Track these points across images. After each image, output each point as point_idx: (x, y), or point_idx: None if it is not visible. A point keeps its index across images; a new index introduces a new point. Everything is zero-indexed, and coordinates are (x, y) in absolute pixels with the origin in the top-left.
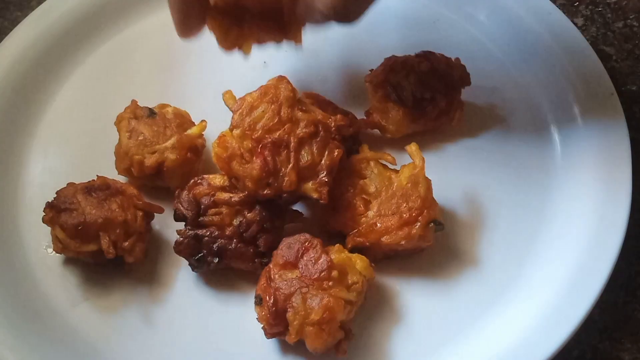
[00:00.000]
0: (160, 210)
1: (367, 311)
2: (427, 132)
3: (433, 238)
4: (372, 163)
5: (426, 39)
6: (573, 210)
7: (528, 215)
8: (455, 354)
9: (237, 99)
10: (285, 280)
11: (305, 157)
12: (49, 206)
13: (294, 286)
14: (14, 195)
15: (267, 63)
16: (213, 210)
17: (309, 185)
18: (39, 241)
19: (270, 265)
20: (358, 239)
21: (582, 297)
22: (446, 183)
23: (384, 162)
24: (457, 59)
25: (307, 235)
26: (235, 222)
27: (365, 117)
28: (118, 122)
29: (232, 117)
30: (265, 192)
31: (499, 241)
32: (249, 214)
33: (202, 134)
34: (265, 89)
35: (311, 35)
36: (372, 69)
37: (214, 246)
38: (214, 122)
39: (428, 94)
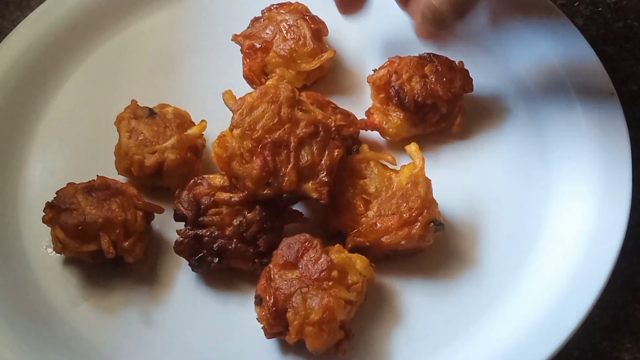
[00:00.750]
0: (160, 210)
1: (367, 311)
2: (426, 135)
3: (433, 238)
4: (372, 163)
5: None
6: (573, 210)
7: (528, 216)
8: (455, 354)
9: (237, 99)
10: (285, 280)
11: (305, 157)
12: (49, 206)
13: (294, 286)
14: (14, 195)
15: None
16: (213, 210)
17: (309, 185)
18: (39, 241)
19: (270, 265)
20: (358, 239)
21: (582, 297)
22: (446, 183)
23: (384, 162)
24: (461, 63)
25: (307, 235)
26: (235, 222)
27: (365, 117)
28: (118, 122)
29: (232, 117)
30: (265, 192)
31: (499, 241)
32: (249, 214)
33: (202, 134)
34: (265, 89)
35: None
36: (375, 69)
37: (214, 246)
38: (214, 122)
39: (430, 99)
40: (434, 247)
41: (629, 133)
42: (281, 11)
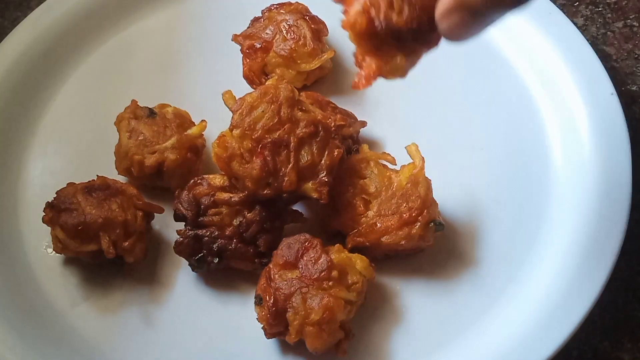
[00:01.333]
0: (160, 210)
1: (367, 311)
2: (426, 133)
3: (433, 238)
4: (372, 163)
5: None
6: (573, 210)
7: (528, 215)
8: (455, 354)
9: (237, 99)
10: (285, 280)
11: (305, 157)
12: (49, 206)
13: (294, 286)
14: (14, 195)
15: None
16: (213, 210)
17: (309, 185)
18: (39, 241)
19: (270, 265)
20: (358, 239)
21: (582, 297)
22: (446, 183)
23: (384, 162)
24: None
25: (307, 235)
26: (235, 222)
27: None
28: (118, 122)
29: (232, 117)
30: (265, 192)
31: (499, 241)
32: (249, 214)
33: (202, 134)
34: (265, 89)
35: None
36: (346, 10)
37: (214, 246)
38: (214, 122)
39: (425, 16)
40: (434, 247)
41: (629, 133)
42: (281, 11)
